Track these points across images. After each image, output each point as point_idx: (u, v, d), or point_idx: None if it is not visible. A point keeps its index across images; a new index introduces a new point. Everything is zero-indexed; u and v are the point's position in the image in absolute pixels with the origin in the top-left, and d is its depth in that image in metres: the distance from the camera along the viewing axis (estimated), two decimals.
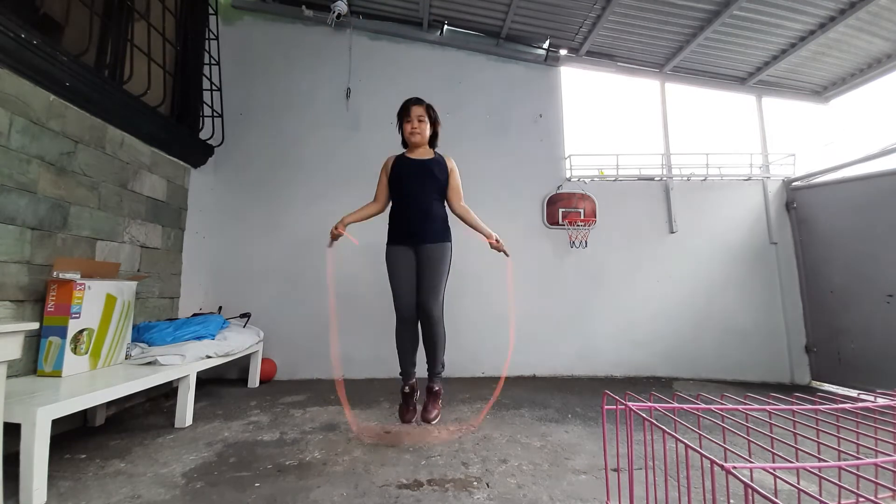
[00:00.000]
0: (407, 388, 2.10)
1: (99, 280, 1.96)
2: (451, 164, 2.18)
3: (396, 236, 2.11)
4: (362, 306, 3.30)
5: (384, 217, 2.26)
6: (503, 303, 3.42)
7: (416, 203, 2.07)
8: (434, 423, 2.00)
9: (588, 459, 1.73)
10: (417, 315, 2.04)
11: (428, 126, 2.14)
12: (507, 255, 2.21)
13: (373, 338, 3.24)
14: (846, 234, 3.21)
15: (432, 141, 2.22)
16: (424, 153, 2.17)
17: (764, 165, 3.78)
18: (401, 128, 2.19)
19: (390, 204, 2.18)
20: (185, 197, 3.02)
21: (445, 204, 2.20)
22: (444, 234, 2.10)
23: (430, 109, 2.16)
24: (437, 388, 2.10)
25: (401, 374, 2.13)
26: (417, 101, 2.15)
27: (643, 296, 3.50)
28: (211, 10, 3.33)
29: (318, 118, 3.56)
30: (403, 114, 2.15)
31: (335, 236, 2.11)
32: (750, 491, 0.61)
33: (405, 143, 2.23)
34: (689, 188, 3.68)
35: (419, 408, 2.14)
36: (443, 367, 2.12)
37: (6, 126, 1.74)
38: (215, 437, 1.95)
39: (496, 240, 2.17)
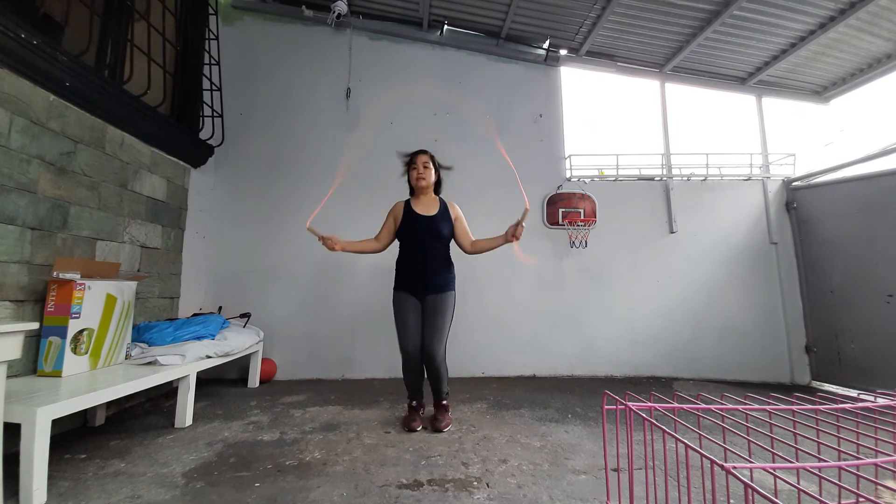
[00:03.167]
0: (414, 402, 2.20)
1: (99, 280, 1.96)
2: (456, 211, 2.26)
3: (404, 286, 2.17)
4: (364, 307, 3.30)
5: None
6: (502, 304, 3.43)
7: (424, 260, 2.13)
8: (445, 431, 2.08)
9: (588, 459, 1.73)
10: (422, 357, 2.10)
11: (432, 172, 2.22)
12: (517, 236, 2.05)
13: (373, 338, 3.24)
14: (846, 234, 3.21)
15: (437, 188, 2.30)
16: (430, 205, 2.21)
17: (764, 165, 3.78)
18: (408, 175, 2.26)
19: (398, 252, 2.24)
20: (185, 197, 3.02)
21: (452, 246, 2.25)
22: (450, 285, 2.18)
23: (433, 158, 2.26)
24: (445, 402, 2.21)
25: (408, 395, 2.23)
26: (422, 151, 2.26)
27: (643, 296, 3.50)
28: (211, 10, 3.33)
29: (317, 118, 3.56)
30: (410, 162, 2.25)
31: (325, 243, 2.05)
32: (750, 491, 0.61)
33: (412, 191, 2.28)
34: (689, 188, 3.68)
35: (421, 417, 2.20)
36: (447, 394, 2.21)
37: (6, 126, 1.74)
38: (215, 437, 1.95)
39: (511, 236, 2.00)
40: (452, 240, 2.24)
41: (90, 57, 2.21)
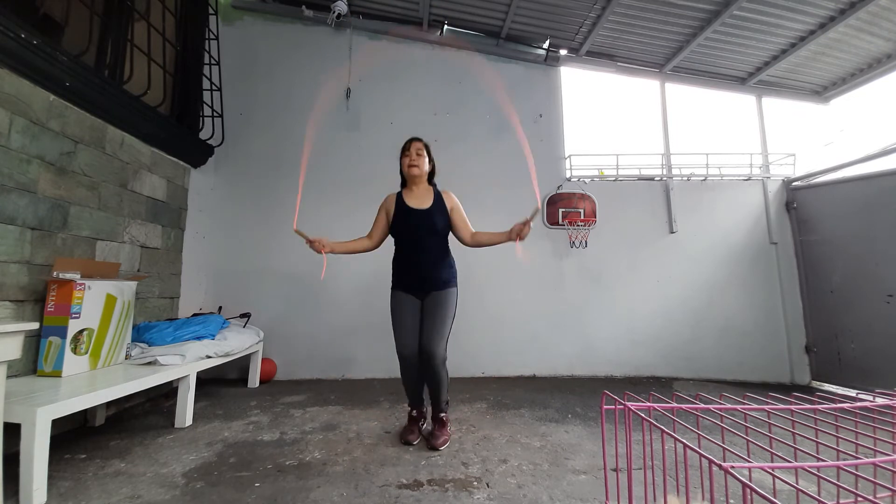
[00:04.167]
0: (414, 412, 2.06)
1: (99, 280, 1.96)
2: (452, 201, 2.12)
3: (402, 285, 2.05)
4: (364, 307, 3.30)
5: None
6: (502, 304, 3.43)
7: (422, 257, 2.02)
8: (442, 448, 1.90)
9: (588, 459, 1.73)
10: (420, 357, 1.97)
11: (426, 160, 2.12)
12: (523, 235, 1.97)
13: (373, 338, 3.24)
14: (846, 234, 3.21)
15: (430, 177, 2.19)
16: (424, 197, 2.10)
17: (764, 165, 3.78)
18: (400, 163, 2.16)
19: (394, 250, 2.13)
20: (185, 197, 3.02)
21: (451, 239, 2.12)
22: (451, 281, 2.06)
23: (427, 147, 2.16)
24: (444, 417, 2.03)
25: (409, 403, 2.09)
26: (417, 138, 2.17)
27: (643, 296, 3.50)
28: (211, 10, 3.33)
29: (318, 118, 3.56)
30: (404, 150, 2.15)
31: (313, 245, 1.96)
32: (748, 491, 0.61)
33: (404, 182, 2.18)
34: (689, 188, 3.68)
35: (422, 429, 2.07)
36: (447, 404, 2.05)
37: (6, 126, 1.74)
38: (215, 437, 1.96)
39: (517, 235, 1.92)
40: (451, 233, 2.11)
41: (90, 57, 2.21)
